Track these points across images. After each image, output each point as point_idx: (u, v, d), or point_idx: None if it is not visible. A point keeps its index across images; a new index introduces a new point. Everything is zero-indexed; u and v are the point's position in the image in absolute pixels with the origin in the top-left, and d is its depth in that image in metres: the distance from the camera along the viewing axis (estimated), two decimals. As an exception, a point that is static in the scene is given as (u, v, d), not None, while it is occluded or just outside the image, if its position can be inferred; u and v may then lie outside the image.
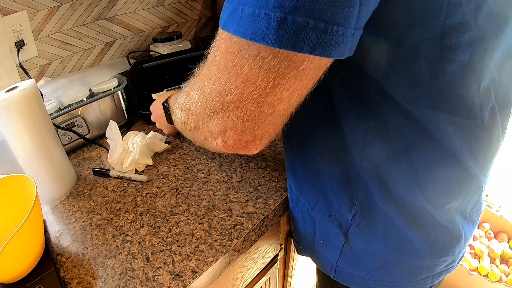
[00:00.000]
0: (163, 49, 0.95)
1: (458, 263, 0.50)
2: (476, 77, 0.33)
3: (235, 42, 0.28)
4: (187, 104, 0.38)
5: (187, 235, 0.52)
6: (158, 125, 0.74)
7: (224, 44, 0.29)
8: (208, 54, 0.32)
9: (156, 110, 0.70)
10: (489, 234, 1.32)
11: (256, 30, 0.26)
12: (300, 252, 0.60)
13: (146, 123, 0.85)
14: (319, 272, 0.61)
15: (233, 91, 0.30)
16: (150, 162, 0.68)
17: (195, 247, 0.49)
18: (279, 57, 0.27)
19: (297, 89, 0.30)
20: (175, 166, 0.68)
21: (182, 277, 0.45)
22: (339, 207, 0.45)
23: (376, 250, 0.46)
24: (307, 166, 0.47)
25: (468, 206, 0.44)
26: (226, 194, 0.59)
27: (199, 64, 0.35)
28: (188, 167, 0.67)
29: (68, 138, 0.73)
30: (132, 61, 0.91)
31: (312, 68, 0.28)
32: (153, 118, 0.73)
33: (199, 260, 0.47)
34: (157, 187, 0.62)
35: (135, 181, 0.64)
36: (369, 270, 0.48)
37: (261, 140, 0.34)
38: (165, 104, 0.58)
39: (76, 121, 0.73)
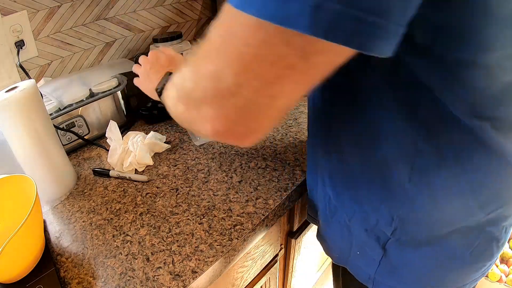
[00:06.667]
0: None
1: (492, 265, 0.49)
2: None
3: (241, 23, 0.25)
4: (178, 81, 0.35)
5: (187, 235, 0.52)
6: (141, 87, 0.61)
7: (228, 24, 0.26)
8: (208, 31, 0.29)
9: (145, 83, 0.58)
10: (489, 234, 1.32)
11: (288, 14, 0.22)
12: (336, 261, 0.59)
13: (146, 123, 0.85)
14: (347, 278, 0.59)
15: (229, 76, 0.27)
16: (150, 162, 0.68)
17: (195, 247, 0.49)
18: (292, 45, 0.24)
19: (303, 83, 0.27)
20: (175, 166, 0.68)
21: (182, 277, 0.45)
22: (377, 222, 0.44)
23: (417, 262, 0.44)
24: (346, 177, 0.45)
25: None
26: (226, 194, 0.59)
27: (198, 42, 0.31)
28: (188, 167, 0.67)
29: (68, 138, 0.73)
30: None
31: (324, 62, 0.25)
32: (136, 81, 0.62)
33: (199, 260, 0.47)
34: (157, 187, 0.62)
35: (135, 181, 0.64)
36: (409, 282, 0.47)
37: (254, 133, 0.31)
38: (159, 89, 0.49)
39: (76, 121, 0.73)
